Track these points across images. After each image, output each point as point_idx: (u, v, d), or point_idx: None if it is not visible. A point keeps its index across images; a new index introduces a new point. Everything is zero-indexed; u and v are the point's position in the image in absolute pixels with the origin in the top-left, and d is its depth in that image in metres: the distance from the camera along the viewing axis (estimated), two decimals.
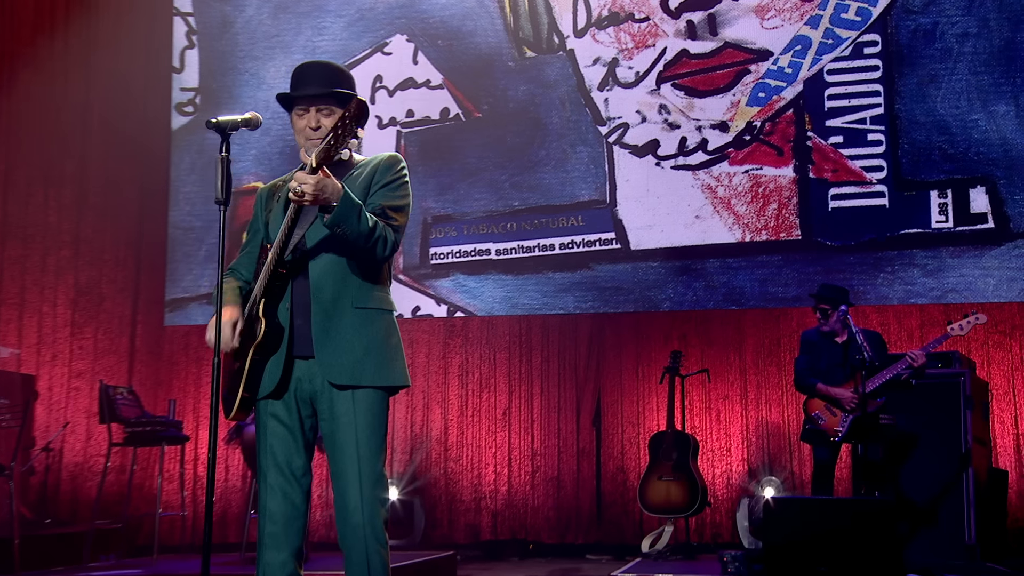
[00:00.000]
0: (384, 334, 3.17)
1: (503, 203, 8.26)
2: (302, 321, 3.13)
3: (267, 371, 3.14)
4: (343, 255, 3.13)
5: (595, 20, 8.40)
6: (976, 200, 7.58)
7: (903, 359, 5.89)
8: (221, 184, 3.10)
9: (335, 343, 3.10)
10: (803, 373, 6.22)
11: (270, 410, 3.18)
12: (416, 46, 8.72)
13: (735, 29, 8.14)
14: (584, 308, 8.11)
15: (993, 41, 7.70)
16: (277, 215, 3.26)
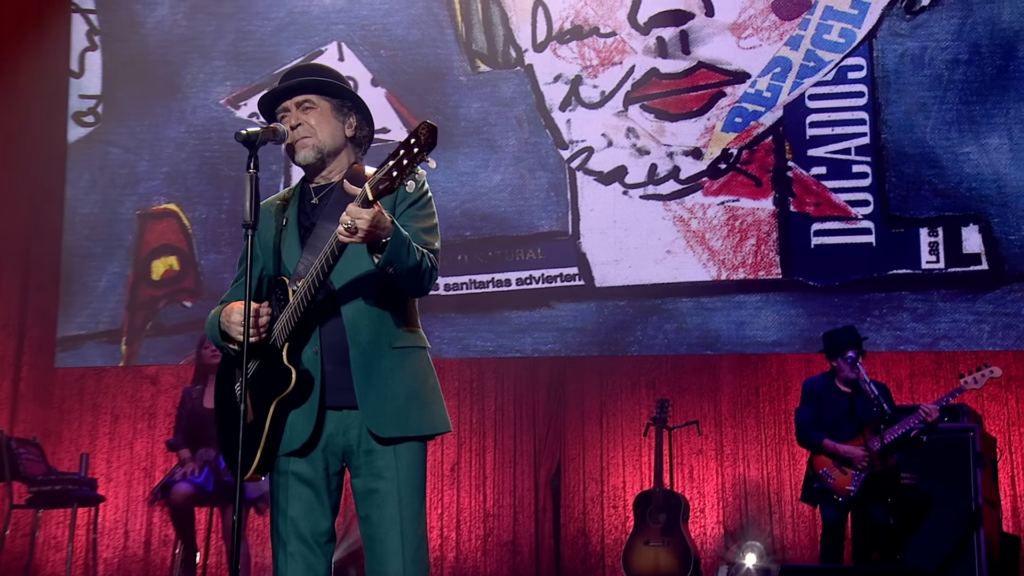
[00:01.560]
0: (423, 375, 3.09)
1: (453, 233, 7.91)
2: (334, 367, 2.99)
3: (293, 425, 3.00)
4: (376, 290, 3.01)
5: (556, 33, 8.16)
6: (969, 239, 7.50)
7: (915, 413, 5.77)
8: (250, 205, 2.94)
9: (377, 390, 2.97)
10: (807, 427, 6.05)
11: (291, 468, 3.04)
12: (355, 55, 8.38)
13: (709, 48, 7.98)
14: (543, 351, 7.82)
15: (985, 69, 7.66)
16: (292, 245, 3.08)
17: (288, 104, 3.16)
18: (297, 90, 3.14)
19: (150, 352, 8.33)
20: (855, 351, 5.92)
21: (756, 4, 7.97)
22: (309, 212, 3.15)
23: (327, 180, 3.19)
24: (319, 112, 3.15)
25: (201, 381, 6.69)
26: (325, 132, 3.15)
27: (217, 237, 8.37)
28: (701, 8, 8.02)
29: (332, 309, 3.01)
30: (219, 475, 6.30)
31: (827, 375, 6.27)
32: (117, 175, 8.60)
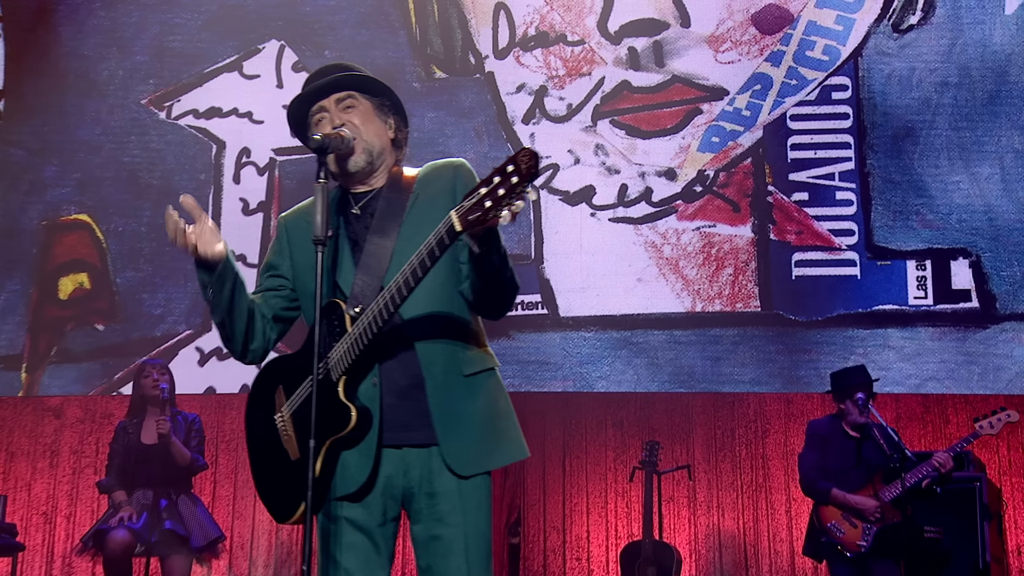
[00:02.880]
0: (494, 398, 2.96)
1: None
2: (394, 401, 2.86)
3: (347, 465, 2.86)
4: (445, 311, 2.90)
5: (520, 39, 7.94)
6: (958, 274, 7.43)
7: (928, 462, 5.66)
8: (323, 219, 2.75)
9: (455, 426, 2.86)
10: (813, 475, 5.90)
11: (343, 513, 2.89)
12: (297, 56, 8.07)
13: (685, 61, 7.83)
14: None
15: (976, 93, 7.62)
16: (344, 263, 2.93)
17: (326, 103, 3.02)
18: (336, 87, 3.02)
19: (54, 381, 7.85)
20: (865, 393, 5.79)
21: (735, 16, 7.85)
22: (354, 223, 3.00)
23: (370, 187, 3.05)
24: (362, 111, 3.04)
25: (139, 414, 6.31)
26: (371, 132, 3.03)
27: (136, 253, 7.94)
28: (676, 18, 7.88)
29: (392, 335, 2.84)
30: (159, 520, 5.92)
31: (833, 418, 6.12)
32: (20, 180, 8.17)
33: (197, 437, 6.29)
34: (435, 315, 2.89)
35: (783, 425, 7.48)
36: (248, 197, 7.94)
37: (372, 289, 2.84)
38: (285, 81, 8.09)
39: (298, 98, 3.05)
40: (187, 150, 8.07)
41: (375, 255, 2.89)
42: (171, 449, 6.07)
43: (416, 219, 2.92)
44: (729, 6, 7.87)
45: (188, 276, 7.81)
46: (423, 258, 2.64)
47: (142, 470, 6.11)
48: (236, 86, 8.14)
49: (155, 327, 7.81)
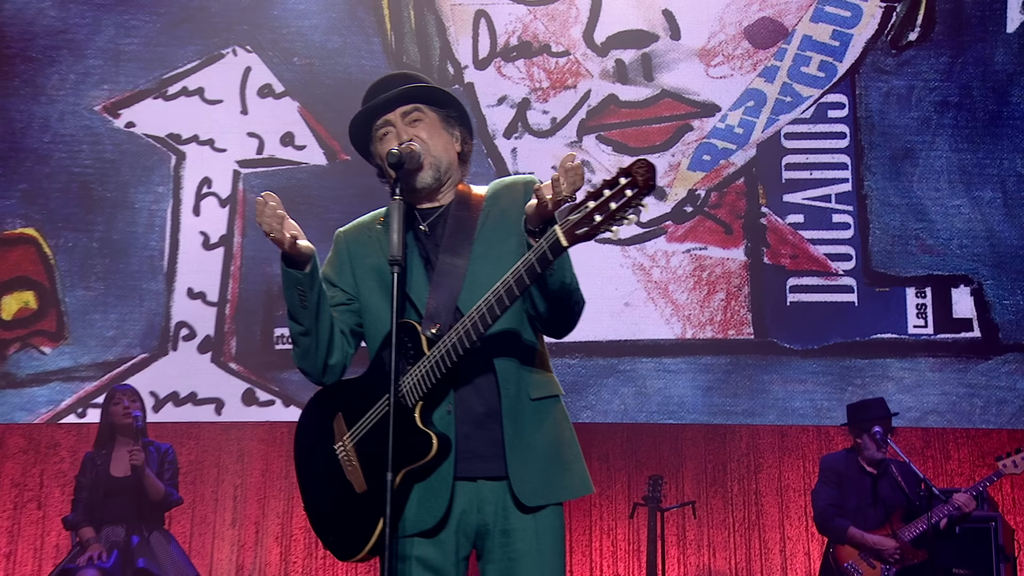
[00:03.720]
0: (560, 427, 2.92)
1: None
2: (469, 430, 2.82)
3: (421, 499, 2.80)
4: (516, 331, 2.87)
5: (501, 49, 7.80)
6: (959, 302, 7.38)
7: (949, 501, 5.57)
8: (399, 238, 2.72)
9: (523, 452, 2.82)
10: (829, 512, 5.80)
11: (414, 552, 2.81)
12: (263, 62, 7.89)
13: (675, 75, 7.73)
14: None
15: (977, 113, 7.60)
16: (417, 283, 2.88)
17: (391, 117, 2.99)
18: (403, 99, 2.99)
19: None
20: (883, 427, 5.69)
21: (727, 29, 7.77)
22: (423, 240, 2.99)
23: (437, 203, 3.03)
24: (429, 124, 3.01)
25: (107, 445, 6.08)
26: (439, 147, 3.01)
27: (87, 270, 7.68)
28: (666, 30, 7.78)
29: (468, 359, 2.77)
30: (132, 559, 5.68)
31: (849, 452, 6.03)
32: None
33: (171, 469, 6.07)
34: (510, 337, 2.85)
35: (777, 459, 7.36)
36: (208, 230, 7.73)
37: (447, 309, 2.82)
38: (248, 95, 7.88)
39: (363, 112, 3.01)
40: (144, 160, 7.83)
41: (448, 274, 2.86)
42: (144, 482, 5.86)
43: (487, 238, 2.91)
44: (721, 19, 7.78)
45: (144, 295, 7.59)
46: (520, 275, 2.62)
47: (112, 505, 5.89)
48: (198, 95, 7.92)
49: (107, 350, 7.54)
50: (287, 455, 7.38)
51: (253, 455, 7.44)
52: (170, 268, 7.65)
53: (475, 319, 2.69)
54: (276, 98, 7.87)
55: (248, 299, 7.58)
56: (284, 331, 7.49)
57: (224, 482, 7.40)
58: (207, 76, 7.94)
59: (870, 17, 7.77)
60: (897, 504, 5.72)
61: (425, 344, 2.77)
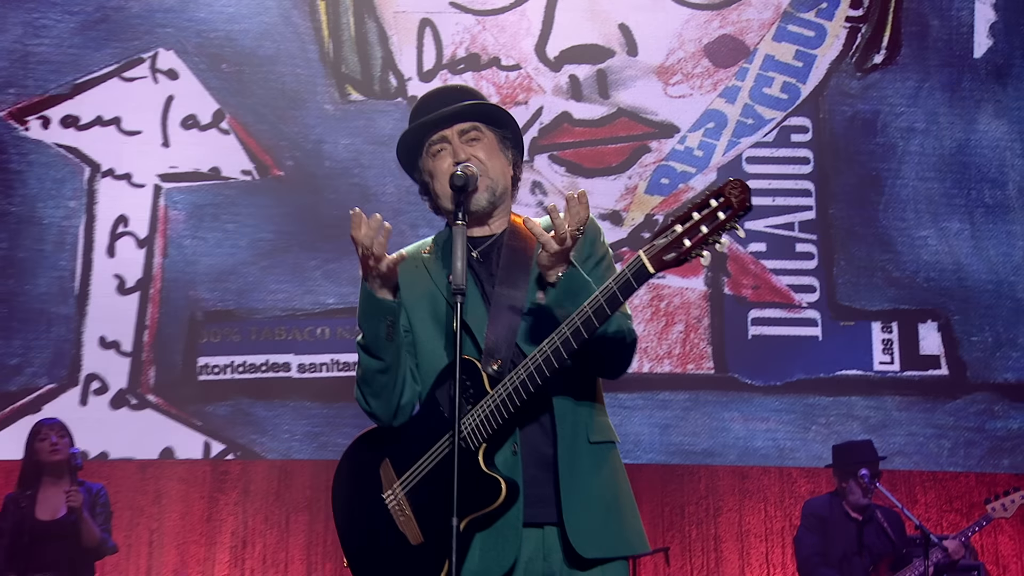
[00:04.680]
0: (619, 476, 2.88)
1: (312, 299, 7.37)
2: (535, 472, 2.77)
3: (485, 548, 2.74)
4: (576, 369, 2.78)
5: (448, 61, 7.65)
6: (926, 339, 7.38)
7: (937, 549, 5.51)
8: (462, 265, 2.67)
9: (580, 498, 2.77)
10: (813, 561, 5.73)
11: None
12: (189, 68, 7.66)
13: (632, 93, 7.64)
14: None
15: (944, 141, 7.62)
16: (475, 315, 2.82)
17: (448, 133, 2.93)
18: (462, 116, 2.94)
19: None
20: (869, 471, 5.62)
21: (686, 46, 7.71)
22: (477, 269, 2.94)
23: (489, 230, 2.99)
24: (487, 144, 2.96)
25: (32, 485, 5.73)
26: (496, 169, 2.95)
27: None
28: (622, 46, 7.70)
29: (535, 396, 2.73)
30: None
31: (833, 496, 5.97)
32: None
33: (103, 512, 5.78)
34: (570, 374, 2.76)
35: (738, 503, 7.26)
36: (124, 273, 7.43)
37: (507, 344, 2.77)
38: (172, 104, 7.64)
39: (418, 125, 2.95)
40: (54, 172, 7.55)
41: (505, 307, 2.82)
42: (81, 526, 5.56)
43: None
44: (680, 35, 7.72)
45: (52, 320, 7.30)
46: (600, 305, 2.59)
47: (38, 551, 5.58)
48: (114, 99, 7.65)
49: (10, 380, 7.23)
50: (209, 496, 7.22)
51: (171, 496, 7.18)
52: (82, 291, 7.36)
53: (547, 355, 2.64)
54: (203, 107, 7.65)
55: (169, 325, 7.34)
56: (209, 360, 7.31)
57: (139, 526, 7.12)
58: (125, 83, 7.67)
59: (834, 38, 7.77)
60: (884, 552, 5.67)
61: (487, 382, 2.71)
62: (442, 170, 2.90)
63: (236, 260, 7.45)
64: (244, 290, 7.42)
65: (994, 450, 7.27)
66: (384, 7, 7.76)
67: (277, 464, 7.29)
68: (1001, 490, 5.96)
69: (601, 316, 2.60)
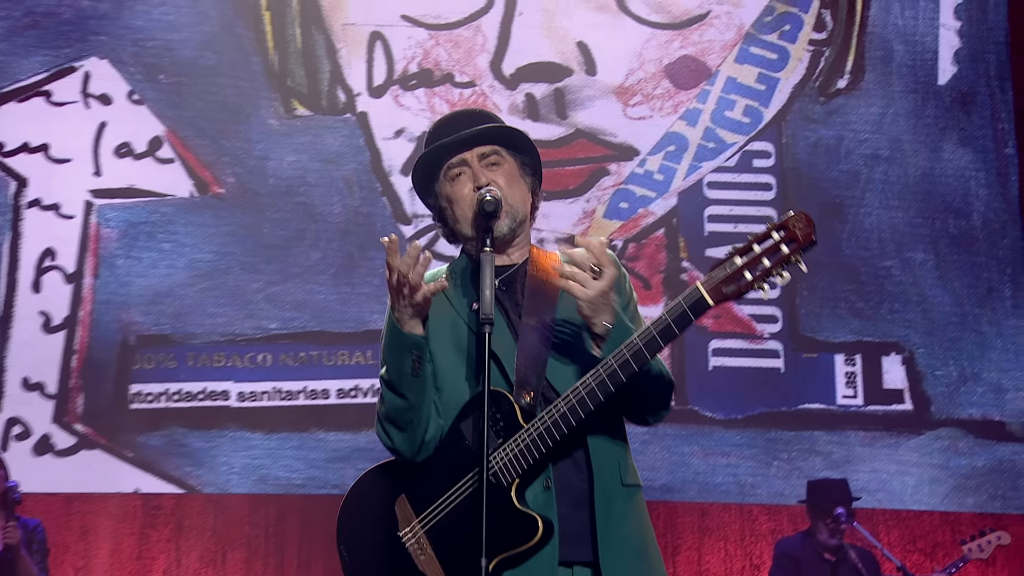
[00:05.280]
0: (648, 522, 2.93)
1: (253, 324, 7.26)
2: (569, 510, 2.79)
3: None
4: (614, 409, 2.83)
5: (400, 77, 7.58)
6: (890, 372, 7.40)
7: None
8: (491, 294, 2.70)
9: (616, 541, 2.79)
10: None
11: None
12: (124, 78, 7.53)
13: (590, 114, 7.60)
14: None
15: (908, 169, 7.65)
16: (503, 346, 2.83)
17: (468, 157, 2.94)
18: (482, 139, 2.95)
19: None
20: (845, 509, 5.59)
21: (646, 66, 7.69)
22: (501, 299, 2.96)
23: (509, 260, 3.01)
24: (507, 170, 2.97)
25: None
26: (517, 196, 2.96)
27: None
28: (581, 64, 7.67)
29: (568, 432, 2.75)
30: None
31: (805, 536, 5.94)
32: None
33: (40, 550, 5.59)
34: (604, 411, 2.77)
35: (697, 541, 7.19)
36: (51, 311, 7.26)
37: (537, 376, 2.78)
38: (106, 122, 7.51)
39: (437, 147, 2.95)
40: None
41: (533, 338, 2.83)
42: (18, 565, 5.41)
43: (571, 304, 2.83)
44: (640, 55, 7.70)
45: None
46: (652, 337, 2.62)
47: None
48: (42, 112, 7.51)
49: None
50: (140, 532, 7.07)
51: (99, 532, 7.01)
52: (6, 311, 7.17)
53: (591, 387, 2.66)
54: (137, 124, 7.53)
55: (99, 350, 7.19)
56: (142, 388, 7.18)
57: (63, 564, 6.92)
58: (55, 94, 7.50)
59: (797, 61, 7.79)
60: None
61: (519, 414, 2.73)
62: (462, 195, 2.89)
63: (172, 282, 7.32)
64: (181, 313, 7.30)
65: (958, 488, 7.27)
66: (333, 19, 7.66)
67: (213, 498, 7.15)
68: (976, 531, 5.95)
69: (653, 349, 2.62)
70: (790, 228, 2.62)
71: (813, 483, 6.12)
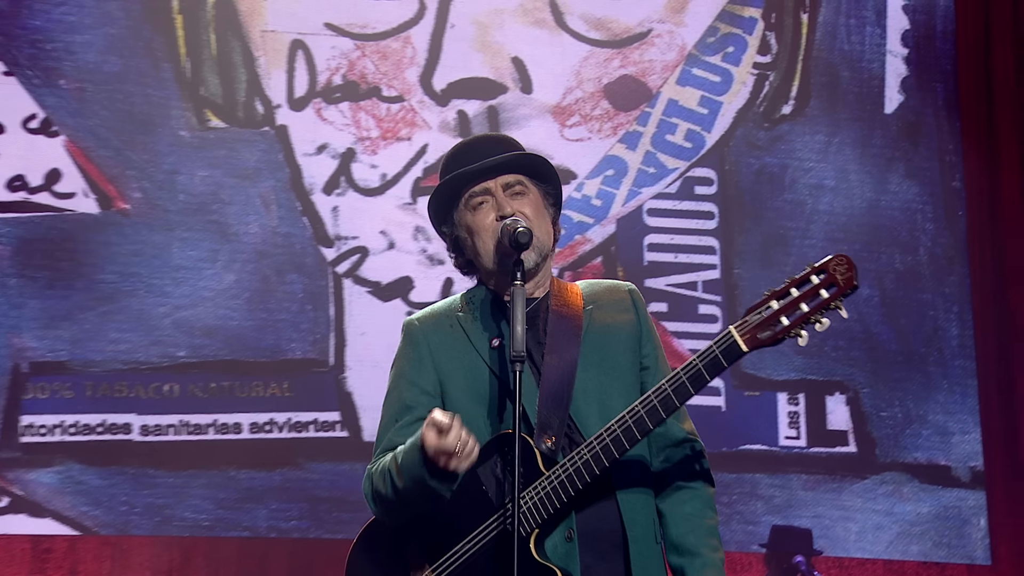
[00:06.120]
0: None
1: (159, 351, 7.07)
2: (592, 560, 2.83)
3: None
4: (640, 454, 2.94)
5: (322, 88, 7.45)
6: (834, 412, 7.43)
7: None
8: (523, 331, 2.72)
9: None
10: None
11: None
12: (21, 84, 7.31)
13: (525, 133, 7.39)
14: (285, 529, 7.02)
15: (854, 201, 7.69)
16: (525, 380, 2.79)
17: (491, 186, 3.00)
18: (507, 167, 3.02)
19: None
20: (804, 558, 5.56)
21: (585, 85, 7.65)
22: None
23: (530, 295, 3.03)
24: (532, 200, 3.04)
25: None
26: (542, 229, 3.03)
27: None
28: (516, 81, 7.60)
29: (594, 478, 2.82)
30: None
31: None
32: None
33: None
34: (634, 459, 2.88)
35: None
36: None
37: (560, 420, 2.82)
38: None
39: (459, 175, 2.99)
40: None
41: (556, 380, 2.86)
42: None
43: (595, 343, 2.96)
44: (578, 73, 7.66)
45: None
46: (682, 382, 2.68)
47: None
48: None
49: None
50: None
51: None
52: None
53: (616, 435, 2.70)
54: (32, 132, 7.31)
55: None
56: (34, 419, 6.97)
57: None
58: None
59: (741, 84, 7.80)
60: None
61: (540, 461, 2.76)
62: (484, 225, 2.93)
63: (71, 304, 7.13)
64: (79, 339, 7.11)
65: (903, 535, 7.32)
66: (251, 25, 7.50)
67: (111, 540, 6.98)
68: None
69: (682, 395, 2.68)
70: (831, 271, 2.65)
71: (778, 528, 6.12)
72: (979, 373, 7.61)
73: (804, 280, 2.69)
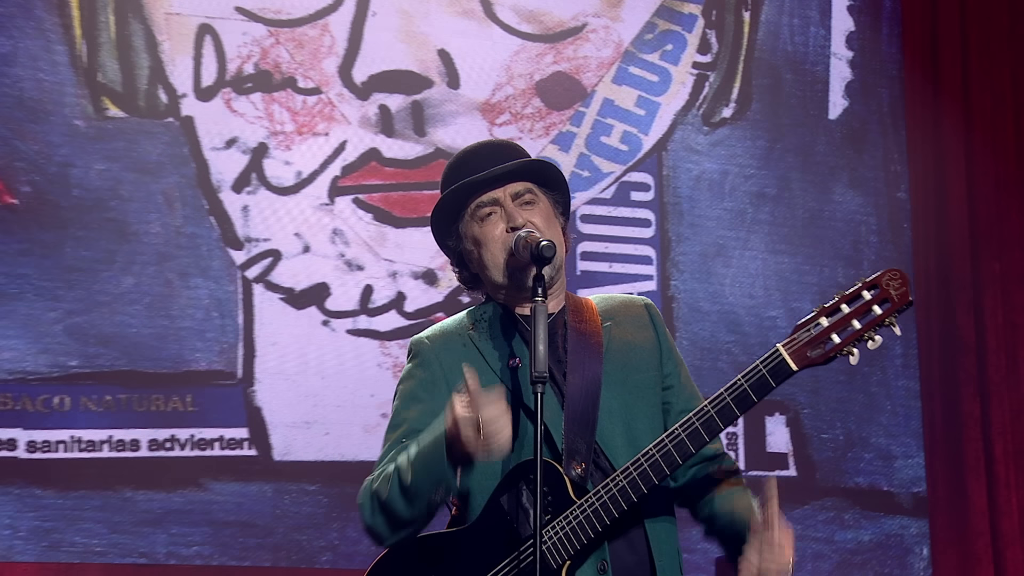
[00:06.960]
0: None
1: (48, 360, 6.85)
2: None
3: None
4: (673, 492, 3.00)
5: (232, 78, 7.25)
6: (774, 434, 7.43)
7: None
8: (545, 350, 2.70)
9: None
10: None
11: None
12: None
13: (452, 132, 7.40)
14: (186, 556, 6.83)
15: (796, 210, 7.71)
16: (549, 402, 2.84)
17: (499, 195, 3.04)
18: (515, 176, 3.05)
19: None
20: None
21: (515, 82, 7.55)
22: None
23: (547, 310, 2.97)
24: (542, 209, 3.08)
25: None
26: (555, 239, 3.02)
27: None
28: (442, 75, 7.47)
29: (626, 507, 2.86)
30: None
31: None
32: None
33: None
34: (660, 487, 2.90)
35: None
36: None
37: (587, 444, 2.85)
38: None
39: (467, 184, 3.01)
40: None
41: (580, 401, 2.89)
42: None
43: (618, 361, 3.00)
44: (509, 68, 7.56)
45: None
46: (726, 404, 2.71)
47: None
48: None
49: None
50: None
51: None
52: None
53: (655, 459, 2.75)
54: None
55: None
56: None
57: None
58: None
59: (680, 85, 7.77)
60: None
61: (571, 489, 2.79)
62: (493, 237, 2.96)
63: None
64: None
65: (843, 564, 7.35)
66: (153, 6, 7.27)
67: None
68: None
69: (726, 418, 2.74)
70: (883, 286, 2.67)
71: (722, 560, 6.04)
72: (923, 394, 7.66)
73: (856, 295, 2.69)
